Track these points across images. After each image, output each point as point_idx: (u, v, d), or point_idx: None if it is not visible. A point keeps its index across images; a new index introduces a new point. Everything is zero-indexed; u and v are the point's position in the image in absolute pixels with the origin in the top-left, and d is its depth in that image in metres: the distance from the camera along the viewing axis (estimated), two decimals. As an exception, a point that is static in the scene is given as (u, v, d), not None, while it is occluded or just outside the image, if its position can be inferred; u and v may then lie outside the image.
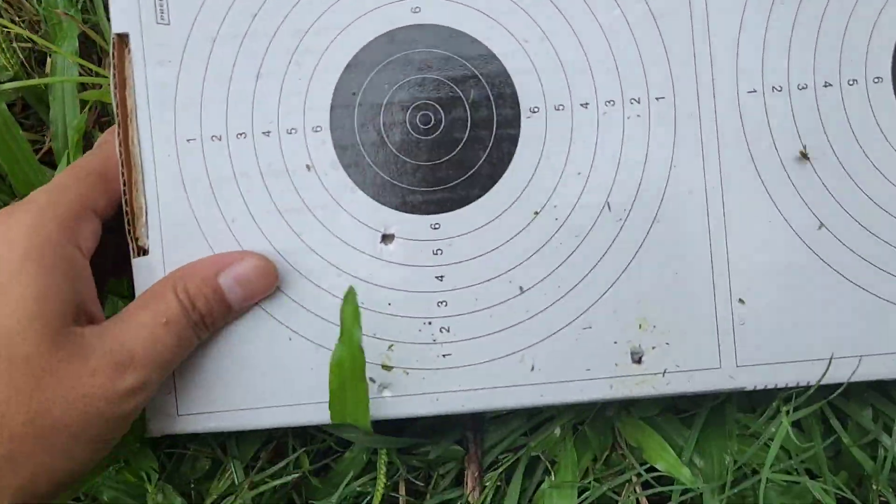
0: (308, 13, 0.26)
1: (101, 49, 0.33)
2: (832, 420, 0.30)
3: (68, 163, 0.31)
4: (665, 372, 0.26)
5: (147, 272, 0.25)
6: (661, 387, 0.26)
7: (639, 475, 0.31)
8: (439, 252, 0.26)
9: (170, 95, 0.26)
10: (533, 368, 0.26)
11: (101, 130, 0.32)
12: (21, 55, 0.33)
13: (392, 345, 0.26)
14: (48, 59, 0.33)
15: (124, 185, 0.26)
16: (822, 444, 0.29)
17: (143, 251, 0.26)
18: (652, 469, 0.30)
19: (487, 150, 0.26)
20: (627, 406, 0.31)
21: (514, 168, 0.26)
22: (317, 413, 0.25)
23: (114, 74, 0.25)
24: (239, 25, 0.26)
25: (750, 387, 0.26)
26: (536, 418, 0.31)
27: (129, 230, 0.26)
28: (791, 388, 0.26)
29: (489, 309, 0.26)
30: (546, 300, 0.26)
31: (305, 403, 0.26)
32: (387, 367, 0.26)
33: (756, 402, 0.31)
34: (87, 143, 0.32)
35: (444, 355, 0.26)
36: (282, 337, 0.26)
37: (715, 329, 0.26)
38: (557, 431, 0.31)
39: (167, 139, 0.26)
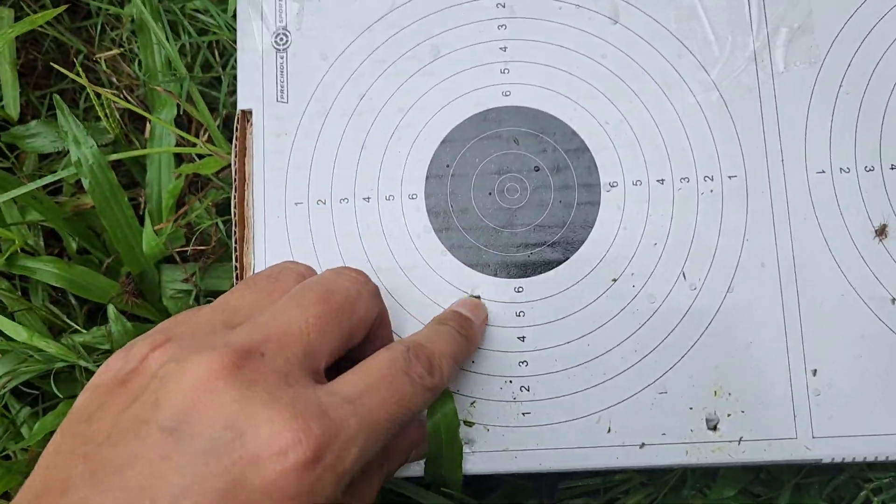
0: (410, 94, 0.29)
1: (188, 114, 0.35)
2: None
3: (153, 223, 0.32)
4: (741, 440, 0.26)
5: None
6: (737, 455, 0.26)
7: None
8: (522, 314, 0.27)
9: (283, 164, 0.29)
10: (609, 430, 0.27)
11: (194, 194, 0.35)
12: (118, 114, 0.34)
13: (474, 401, 0.27)
14: (147, 124, 0.34)
15: (236, 242, 0.28)
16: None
17: (249, 303, 0.28)
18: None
19: (569, 220, 0.28)
20: (702, 489, 0.31)
21: (593, 237, 0.28)
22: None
23: (235, 144, 0.29)
24: (348, 104, 0.29)
25: (827, 459, 0.26)
26: (609, 493, 0.31)
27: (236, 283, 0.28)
28: (868, 462, 0.26)
29: (568, 370, 0.27)
30: (622, 364, 0.27)
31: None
32: (469, 423, 0.27)
33: (839, 494, 0.31)
34: (178, 205, 0.33)
35: (523, 413, 0.27)
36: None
37: (790, 399, 0.26)
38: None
39: (278, 203, 0.28)
